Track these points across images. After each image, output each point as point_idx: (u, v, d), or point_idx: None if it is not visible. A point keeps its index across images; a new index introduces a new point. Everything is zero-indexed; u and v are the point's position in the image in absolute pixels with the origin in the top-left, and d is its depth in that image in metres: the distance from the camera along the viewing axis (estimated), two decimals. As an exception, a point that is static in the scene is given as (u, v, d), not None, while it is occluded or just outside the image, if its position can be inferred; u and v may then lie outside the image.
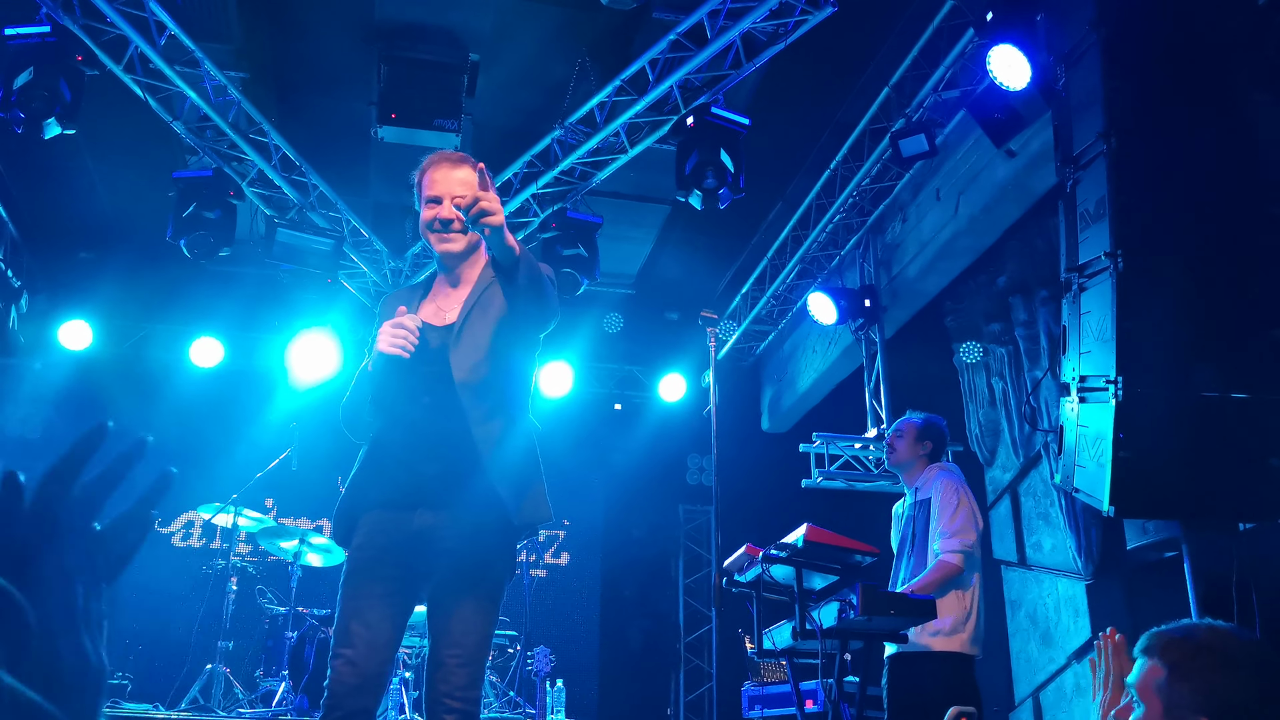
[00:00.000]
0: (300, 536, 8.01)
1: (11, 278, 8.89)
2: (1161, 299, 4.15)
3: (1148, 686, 2.04)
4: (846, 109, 7.87)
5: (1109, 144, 4.27)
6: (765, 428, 11.12)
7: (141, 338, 10.11)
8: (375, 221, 8.63)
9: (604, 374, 11.04)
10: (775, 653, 4.84)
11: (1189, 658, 2.02)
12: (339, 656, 2.83)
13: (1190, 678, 2.00)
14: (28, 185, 8.69)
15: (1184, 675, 2.00)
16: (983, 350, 8.63)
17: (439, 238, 3.08)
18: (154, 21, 6.53)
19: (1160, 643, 2.07)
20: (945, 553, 4.71)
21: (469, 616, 2.89)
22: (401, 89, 7.00)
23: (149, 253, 8.92)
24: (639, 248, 9.93)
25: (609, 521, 11.11)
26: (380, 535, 2.94)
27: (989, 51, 5.79)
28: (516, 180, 7.75)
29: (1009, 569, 8.48)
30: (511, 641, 8.25)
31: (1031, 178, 6.66)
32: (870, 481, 8.90)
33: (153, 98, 6.92)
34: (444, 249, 3.09)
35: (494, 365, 3.01)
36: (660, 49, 6.85)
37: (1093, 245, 4.31)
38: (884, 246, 8.75)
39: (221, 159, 7.51)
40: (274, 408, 9.45)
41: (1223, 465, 4.07)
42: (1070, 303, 4.46)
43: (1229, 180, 4.28)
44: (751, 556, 4.50)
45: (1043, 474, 7.99)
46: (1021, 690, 8.17)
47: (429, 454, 2.96)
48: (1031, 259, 7.87)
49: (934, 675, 4.69)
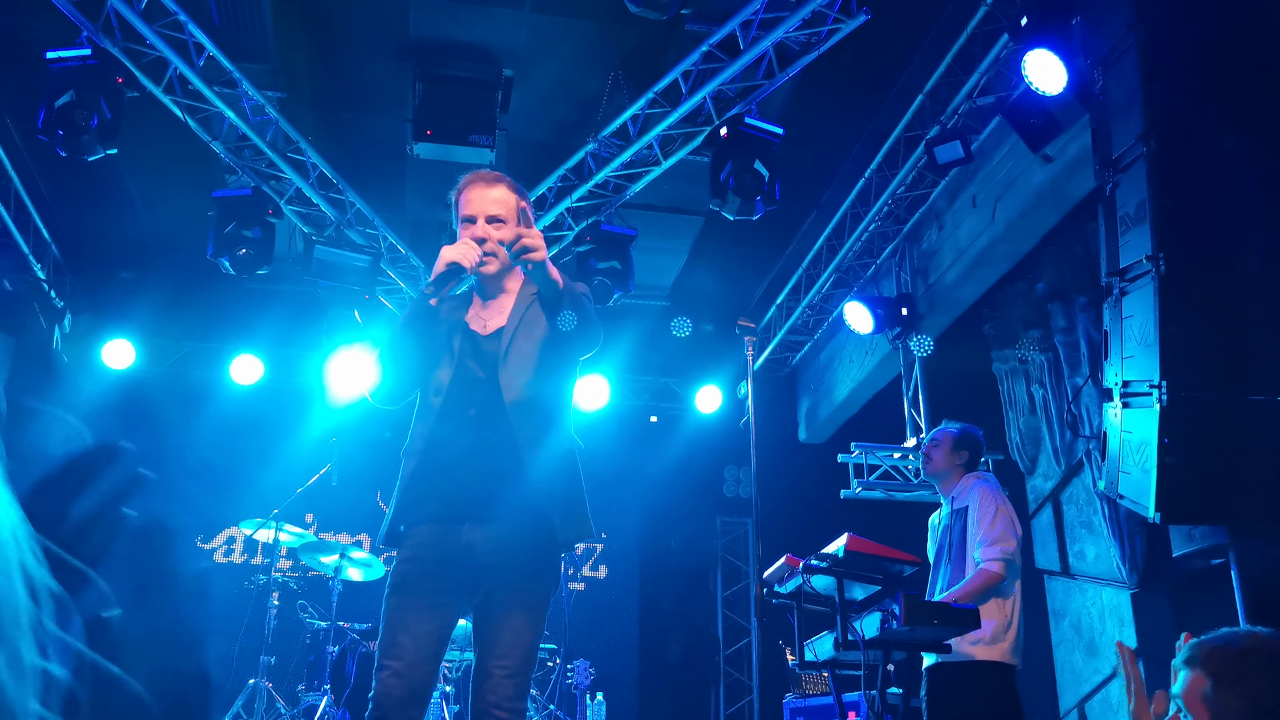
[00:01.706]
0: (341, 551, 8.05)
1: (55, 298, 9.03)
2: (1205, 302, 4.10)
3: (1194, 696, 2.02)
4: (880, 117, 7.85)
5: (1149, 146, 4.23)
6: (802, 439, 11.06)
7: (183, 356, 10.23)
8: (412, 238, 8.69)
9: (639, 386, 11.04)
10: (817, 664, 4.81)
11: (1232, 665, 2.01)
12: (385, 669, 2.84)
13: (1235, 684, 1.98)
14: (69, 207, 8.83)
15: (1228, 683, 1.99)
16: (1022, 357, 8.55)
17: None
18: (193, 43, 6.62)
19: (1202, 653, 2.06)
20: (986, 561, 4.67)
21: (516, 629, 2.90)
22: (436, 106, 7.05)
23: (189, 272, 9.04)
24: (673, 259, 9.93)
25: (646, 534, 11.10)
26: (427, 549, 2.96)
27: (1024, 56, 5.75)
28: (551, 194, 7.78)
29: (1052, 578, 8.38)
30: (551, 655, 8.24)
31: (1069, 183, 6.60)
32: (910, 491, 8.84)
33: (192, 118, 7.01)
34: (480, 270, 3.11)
35: (540, 385, 3.05)
36: (693, 60, 6.86)
37: (1134, 249, 4.27)
38: (920, 254, 8.70)
39: (260, 178, 7.60)
40: (313, 423, 9.53)
41: (1270, 470, 4.01)
42: (1112, 307, 4.42)
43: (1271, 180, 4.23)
44: (792, 567, 4.48)
45: (1085, 482, 7.89)
46: (1067, 701, 8.06)
47: (476, 468, 2.98)
48: (1070, 265, 7.80)
49: (974, 685, 4.65)
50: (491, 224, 3.10)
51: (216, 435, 9.74)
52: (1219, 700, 1.98)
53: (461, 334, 3.11)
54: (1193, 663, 2.06)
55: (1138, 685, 2.26)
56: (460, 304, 3.20)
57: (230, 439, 9.78)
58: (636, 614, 10.85)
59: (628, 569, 11.00)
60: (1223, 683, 1.99)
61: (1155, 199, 4.19)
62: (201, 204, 7.73)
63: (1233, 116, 4.27)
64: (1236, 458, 4.00)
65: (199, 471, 9.74)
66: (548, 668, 8.21)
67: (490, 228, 3.09)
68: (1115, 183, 4.50)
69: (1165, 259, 4.07)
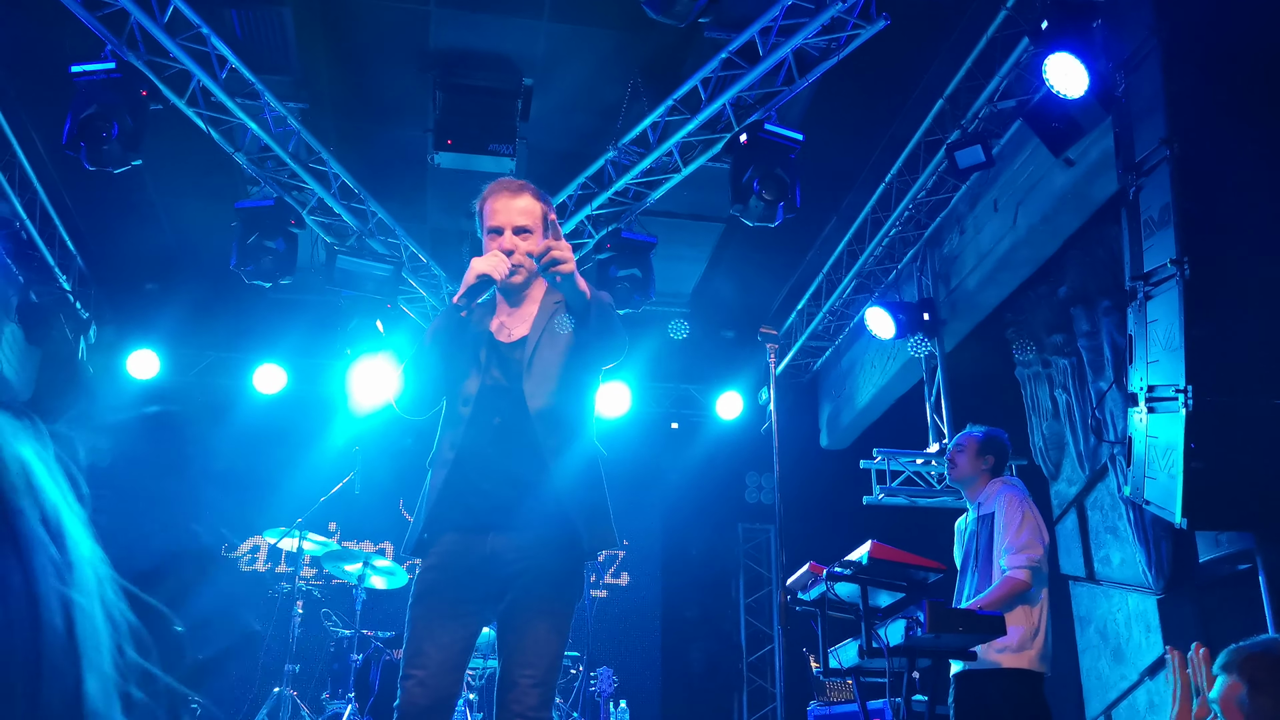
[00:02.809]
0: (364, 560, 8.08)
1: (80, 309, 9.11)
2: (1230, 305, 4.07)
3: (1230, 702, 2.02)
4: (900, 122, 7.83)
5: (1172, 149, 4.21)
6: (824, 445, 11.04)
7: (206, 366, 10.30)
8: (433, 247, 8.73)
9: (660, 394, 11.04)
10: (841, 671, 4.79)
11: (1269, 671, 2.00)
12: (410, 677, 2.85)
13: (1271, 691, 1.98)
14: (94, 219, 8.91)
15: (1265, 689, 1.99)
16: (1045, 362, 8.51)
17: None
18: (215, 55, 6.67)
19: (1240, 658, 2.06)
20: (1012, 569, 4.63)
21: (541, 637, 2.91)
22: (457, 115, 7.08)
23: (213, 282, 9.10)
24: (693, 266, 9.93)
25: (668, 541, 11.09)
26: (452, 557, 2.97)
27: (1045, 60, 5.73)
28: (571, 202, 7.80)
29: (1077, 584, 8.32)
30: (574, 662, 8.24)
31: (1091, 186, 6.57)
32: (933, 497, 8.80)
33: (215, 130, 7.06)
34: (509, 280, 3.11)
35: (565, 394, 3.05)
36: (712, 68, 6.87)
37: (1158, 253, 4.25)
38: (941, 259, 8.67)
39: (282, 188, 7.65)
40: (336, 432, 9.58)
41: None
42: (1136, 311, 4.39)
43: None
44: (815, 574, 4.46)
45: (1110, 487, 7.84)
46: (1093, 708, 8.00)
47: (501, 477, 2.99)
48: (1093, 269, 7.76)
49: (1002, 693, 4.62)
50: (519, 235, 3.10)
51: (240, 445, 9.80)
52: (1255, 706, 1.98)
53: (486, 343, 3.11)
54: (1230, 668, 2.06)
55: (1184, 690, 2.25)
56: (484, 312, 3.21)
57: (254, 448, 9.83)
58: (659, 621, 10.84)
59: (650, 576, 11.00)
60: (1259, 689, 1.99)
61: (1179, 202, 4.16)
62: (225, 215, 7.79)
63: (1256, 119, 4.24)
64: (1263, 462, 3.96)
65: (223, 481, 9.80)
66: (571, 675, 8.21)
67: (518, 239, 3.09)
68: (1138, 186, 4.48)
69: (1190, 263, 4.05)
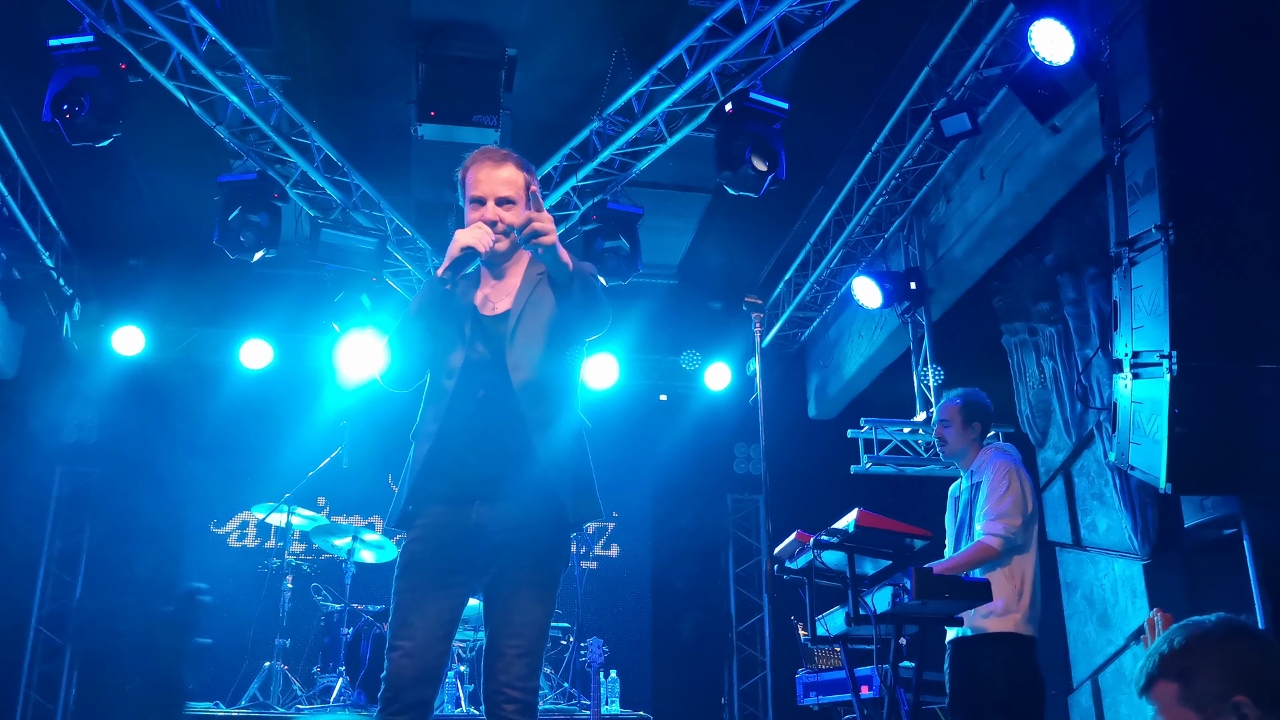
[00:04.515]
0: (353, 534, 8.09)
1: (64, 286, 9.05)
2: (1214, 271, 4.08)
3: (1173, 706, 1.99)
4: (886, 90, 7.80)
5: (1156, 115, 4.20)
6: (812, 415, 11.06)
7: (192, 341, 10.26)
8: (418, 219, 8.68)
9: (648, 365, 11.03)
10: (829, 639, 4.81)
11: (1188, 655, 1.99)
12: (397, 649, 2.86)
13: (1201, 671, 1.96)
14: (76, 194, 8.83)
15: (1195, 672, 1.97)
16: (1031, 330, 8.53)
17: None
18: (194, 28, 6.60)
19: (1157, 666, 2.03)
20: (987, 535, 4.65)
21: (527, 608, 2.91)
22: (440, 86, 7.02)
23: (197, 257, 9.05)
24: (680, 238, 9.91)
25: (657, 512, 11.12)
26: (437, 529, 2.97)
27: (1030, 26, 5.70)
28: (556, 174, 7.76)
29: (1064, 550, 8.38)
30: (565, 633, 8.28)
31: (1077, 153, 6.56)
32: (920, 466, 8.84)
33: (196, 103, 7.00)
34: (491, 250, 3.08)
35: (548, 366, 3.05)
36: (696, 36, 6.82)
37: (1143, 218, 4.24)
38: (928, 228, 8.67)
39: (265, 162, 7.59)
40: (323, 407, 9.56)
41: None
42: (1121, 278, 4.39)
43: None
44: (802, 543, 4.48)
45: (1096, 454, 7.88)
46: (1080, 673, 8.07)
47: (486, 450, 2.98)
48: (1079, 236, 7.77)
49: (992, 658, 4.64)
50: (502, 206, 3.08)
51: (227, 420, 9.78)
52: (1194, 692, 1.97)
53: (470, 316, 3.10)
54: (1153, 680, 2.04)
55: None
56: (469, 285, 3.19)
57: (241, 424, 9.81)
58: (649, 592, 10.88)
59: (640, 547, 11.03)
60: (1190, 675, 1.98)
61: (1164, 168, 4.15)
62: (208, 189, 7.72)
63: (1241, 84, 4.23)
64: (1247, 427, 3.98)
65: (210, 456, 9.78)
66: (561, 646, 8.25)
67: (501, 210, 3.08)
68: (1123, 152, 4.47)
69: (1174, 228, 4.05)
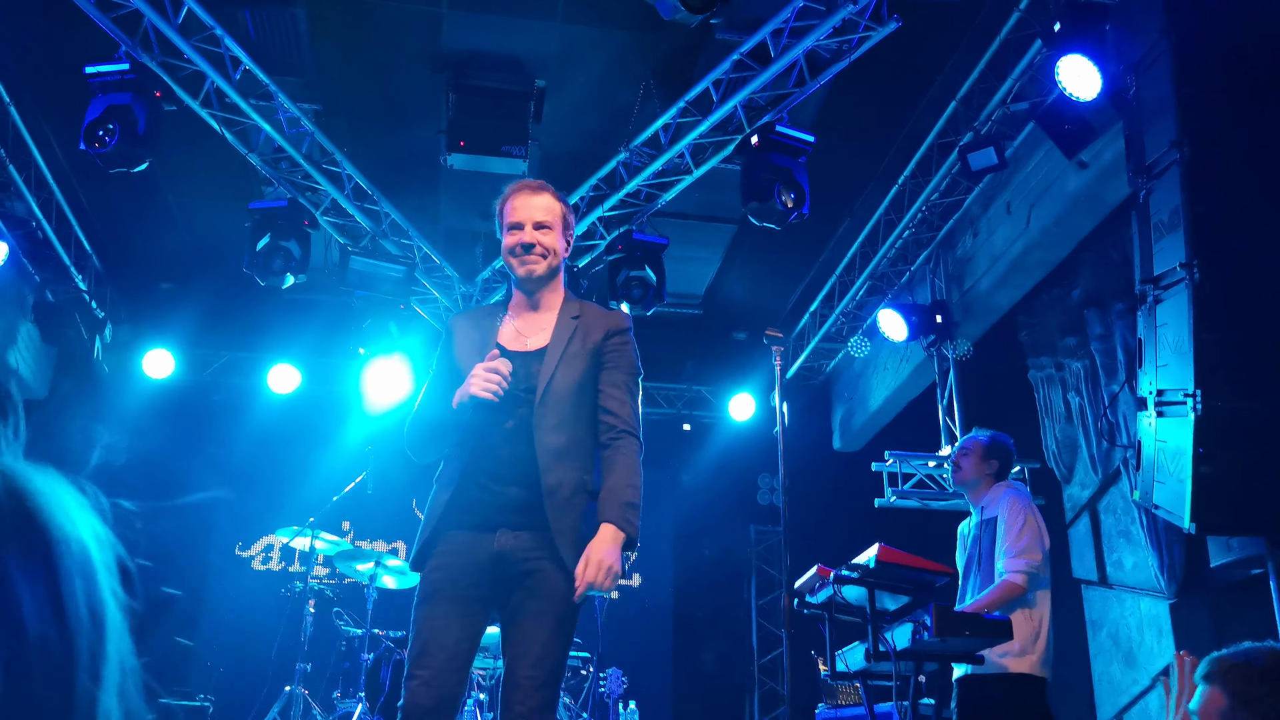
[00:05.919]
0: (376, 559, 8.10)
1: (96, 309, 9.17)
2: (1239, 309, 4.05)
3: (1210, 713, 1.98)
4: (913, 124, 7.82)
5: (1182, 153, 4.19)
6: (837, 447, 11.02)
7: (221, 365, 10.35)
8: (446, 248, 8.75)
9: (672, 395, 11.04)
10: (849, 675, 4.79)
11: (1251, 684, 1.96)
12: (415, 677, 2.86)
13: (1252, 704, 1.94)
14: (110, 219, 8.96)
15: (1245, 701, 1.94)
16: (1058, 365, 8.48)
17: (520, 261, 3.20)
18: (229, 57, 6.70)
19: (1221, 669, 2.01)
20: (1010, 572, 4.62)
21: (546, 639, 2.92)
22: (470, 117, 7.10)
23: (228, 282, 9.14)
24: (705, 268, 9.93)
25: (679, 542, 11.08)
26: (457, 557, 2.99)
27: (1057, 62, 5.71)
28: (583, 204, 7.82)
29: (1089, 588, 8.29)
30: (584, 663, 8.24)
31: (1104, 188, 6.54)
32: (945, 500, 8.78)
33: (229, 131, 7.10)
34: (526, 271, 3.20)
35: (577, 404, 3.15)
36: (724, 69, 6.87)
37: (1168, 256, 4.23)
38: (954, 261, 8.65)
39: (296, 189, 7.68)
40: (349, 432, 9.61)
41: (1309, 479, 3.95)
42: (1145, 315, 4.38)
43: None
44: (823, 577, 4.46)
45: (1122, 490, 7.81)
46: (1105, 713, 7.97)
47: (510, 480, 3.02)
48: (1106, 271, 7.73)
49: (1005, 698, 4.60)
50: (538, 230, 3.21)
51: (254, 444, 9.86)
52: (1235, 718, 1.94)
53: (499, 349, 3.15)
54: (1211, 679, 2.01)
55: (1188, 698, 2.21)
56: (495, 314, 3.26)
57: (268, 448, 9.89)
58: (670, 622, 10.83)
59: (661, 577, 10.99)
60: (1240, 701, 1.95)
61: (1189, 206, 4.14)
62: (239, 215, 7.82)
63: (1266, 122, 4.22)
64: (1272, 467, 3.94)
65: (237, 480, 9.85)
66: (581, 676, 8.21)
67: (538, 234, 3.20)
68: (1149, 189, 4.46)
69: (1199, 266, 4.03)
